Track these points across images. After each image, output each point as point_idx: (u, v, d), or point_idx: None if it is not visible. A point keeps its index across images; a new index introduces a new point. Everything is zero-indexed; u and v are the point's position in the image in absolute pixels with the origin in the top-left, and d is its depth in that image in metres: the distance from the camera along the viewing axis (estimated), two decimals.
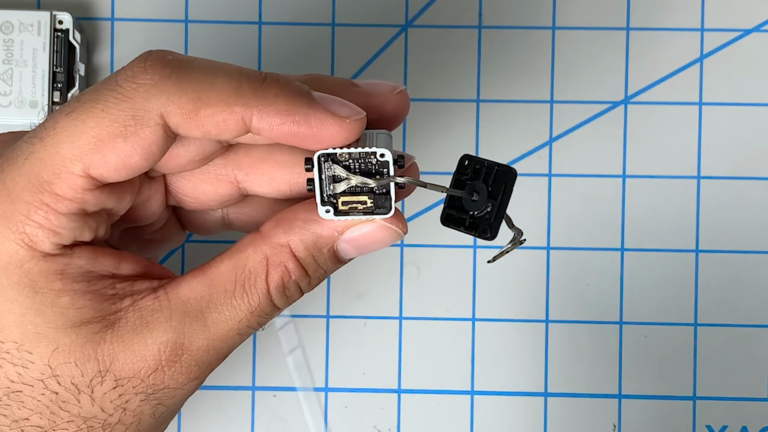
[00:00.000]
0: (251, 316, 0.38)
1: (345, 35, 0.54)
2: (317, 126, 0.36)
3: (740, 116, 0.54)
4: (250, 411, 0.54)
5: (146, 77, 0.36)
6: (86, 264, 0.37)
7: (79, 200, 0.36)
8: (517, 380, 0.54)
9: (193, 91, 0.36)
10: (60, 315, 0.37)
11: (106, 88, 0.36)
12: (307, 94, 0.36)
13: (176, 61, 0.36)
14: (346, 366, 0.54)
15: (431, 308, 0.54)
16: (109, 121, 0.36)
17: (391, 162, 0.36)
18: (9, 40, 0.52)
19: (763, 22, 0.54)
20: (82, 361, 0.37)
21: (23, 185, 0.36)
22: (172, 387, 0.38)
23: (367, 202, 0.37)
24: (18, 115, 0.52)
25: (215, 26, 0.54)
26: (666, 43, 0.54)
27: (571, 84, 0.54)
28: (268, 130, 0.36)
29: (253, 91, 0.36)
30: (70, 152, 0.36)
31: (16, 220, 0.36)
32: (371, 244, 0.38)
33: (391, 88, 0.39)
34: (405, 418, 0.54)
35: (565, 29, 0.54)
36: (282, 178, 0.40)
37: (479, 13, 0.54)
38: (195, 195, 0.41)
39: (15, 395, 0.37)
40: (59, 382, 0.37)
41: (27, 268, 0.37)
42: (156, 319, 0.37)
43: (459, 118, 0.54)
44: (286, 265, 0.38)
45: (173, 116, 0.36)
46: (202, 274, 0.38)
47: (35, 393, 0.37)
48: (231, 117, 0.36)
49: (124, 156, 0.36)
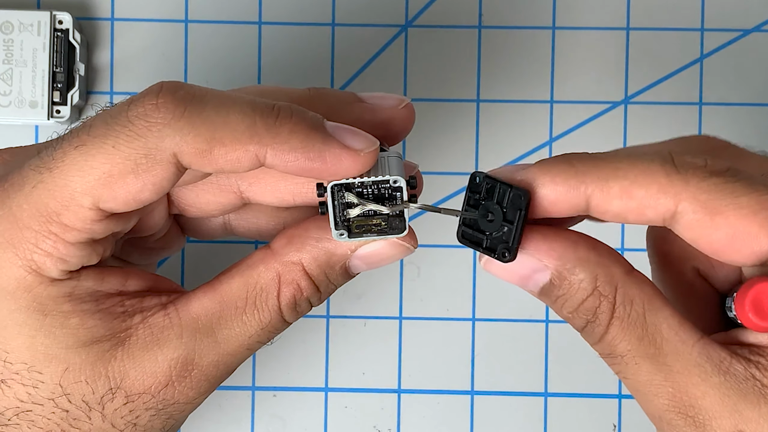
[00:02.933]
0: (261, 332, 0.38)
1: (345, 35, 0.54)
2: (332, 161, 0.36)
3: (740, 116, 0.54)
4: (250, 411, 0.54)
5: (159, 116, 0.35)
6: (93, 285, 0.38)
7: (88, 230, 0.36)
8: (517, 380, 0.54)
9: (207, 131, 0.35)
10: (70, 335, 0.37)
11: (117, 124, 0.36)
12: (321, 127, 0.36)
13: (189, 97, 0.36)
14: (346, 366, 0.54)
15: (431, 308, 0.54)
16: (120, 158, 0.35)
17: (404, 188, 0.36)
18: (9, 40, 0.52)
19: (763, 22, 0.54)
20: (93, 379, 0.37)
21: (31, 213, 0.36)
22: (182, 402, 0.38)
23: (381, 224, 0.37)
24: (18, 115, 0.52)
25: (215, 26, 0.54)
26: (666, 43, 0.54)
27: (571, 84, 0.54)
28: (282, 166, 0.36)
29: (267, 128, 0.35)
30: (80, 186, 0.36)
31: (23, 247, 0.36)
32: (382, 260, 0.38)
33: (397, 102, 0.39)
34: (405, 418, 0.54)
35: (565, 29, 0.54)
36: (286, 188, 0.40)
37: (479, 13, 0.54)
38: (198, 204, 0.41)
39: (25, 415, 0.37)
40: (70, 401, 0.37)
41: (35, 293, 0.37)
42: (167, 336, 0.37)
43: (459, 118, 0.54)
44: (298, 282, 0.38)
45: (186, 156, 0.35)
46: (213, 291, 0.38)
47: (45, 412, 0.37)
48: (245, 155, 0.35)
49: (135, 192, 0.36)
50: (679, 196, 0.35)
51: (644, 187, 0.35)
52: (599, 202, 0.35)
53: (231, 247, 0.53)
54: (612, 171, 0.35)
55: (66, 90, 0.52)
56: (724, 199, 0.35)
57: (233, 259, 0.52)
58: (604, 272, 0.36)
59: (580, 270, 0.36)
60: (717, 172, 0.35)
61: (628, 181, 0.35)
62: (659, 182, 0.35)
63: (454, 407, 0.54)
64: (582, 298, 0.36)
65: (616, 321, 0.36)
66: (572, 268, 0.36)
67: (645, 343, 0.36)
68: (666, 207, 0.35)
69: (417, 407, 0.54)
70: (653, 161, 0.35)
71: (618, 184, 0.35)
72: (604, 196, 0.35)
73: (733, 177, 0.35)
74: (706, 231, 0.35)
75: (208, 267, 0.53)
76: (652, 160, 0.35)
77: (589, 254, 0.36)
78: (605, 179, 0.35)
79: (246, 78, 0.54)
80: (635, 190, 0.35)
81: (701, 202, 0.35)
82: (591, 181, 0.35)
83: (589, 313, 0.36)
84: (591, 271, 0.36)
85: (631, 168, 0.35)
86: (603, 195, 0.35)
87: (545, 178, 0.36)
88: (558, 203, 0.36)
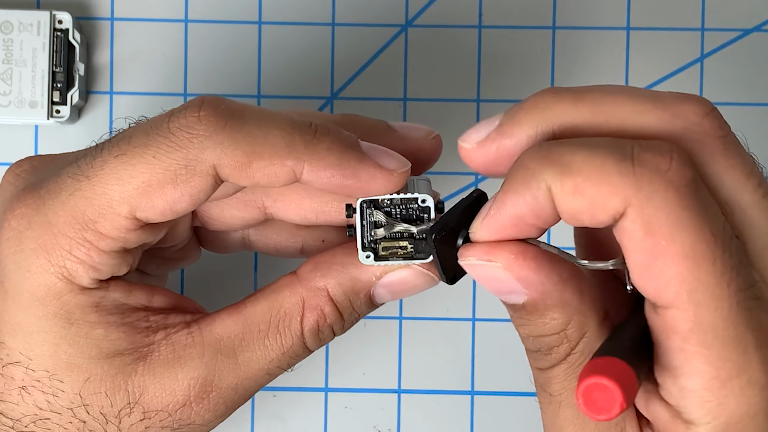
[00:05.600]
0: (282, 356, 0.38)
1: (345, 35, 0.54)
2: (366, 180, 0.36)
3: (740, 116, 0.54)
4: (250, 411, 0.54)
5: (200, 128, 0.36)
6: (121, 297, 0.38)
7: (122, 239, 0.37)
8: (517, 380, 0.54)
9: (247, 145, 0.36)
10: (94, 346, 0.37)
11: (158, 134, 0.36)
12: (356, 147, 0.37)
13: (230, 111, 0.36)
14: (346, 366, 0.54)
15: (431, 308, 0.54)
16: (160, 168, 0.36)
17: (432, 207, 0.37)
18: (9, 39, 0.51)
19: (763, 22, 0.54)
20: (113, 391, 0.37)
21: (66, 220, 0.37)
22: (198, 423, 0.38)
23: (407, 247, 0.37)
24: (18, 115, 0.52)
25: (215, 26, 0.54)
26: (666, 43, 0.54)
27: (571, 84, 0.54)
28: (318, 182, 0.36)
29: (305, 145, 0.36)
30: (119, 194, 0.36)
31: (57, 254, 0.37)
32: (407, 290, 0.38)
33: (426, 133, 0.39)
34: (405, 418, 0.54)
35: (565, 29, 0.54)
36: (309, 206, 0.40)
37: (479, 13, 0.54)
38: (221, 218, 0.41)
39: (42, 422, 0.37)
40: (88, 411, 0.37)
41: (64, 301, 0.37)
42: (188, 354, 0.38)
43: (459, 118, 0.54)
44: (322, 308, 0.38)
45: (225, 168, 0.36)
46: (237, 313, 0.38)
47: (63, 421, 0.37)
48: (282, 170, 0.36)
49: (172, 201, 0.36)
50: (627, 200, 0.32)
51: (597, 185, 0.32)
52: (556, 199, 0.32)
53: (230, 258, 0.53)
54: (566, 165, 0.32)
55: (66, 90, 0.52)
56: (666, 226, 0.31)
57: (233, 270, 0.52)
58: (578, 320, 0.35)
59: (558, 311, 0.34)
60: (676, 186, 0.32)
61: (581, 177, 0.32)
62: (611, 182, 0.32)
63: (454, 407, 0.54)
64: (546, 333, 0.35)
65: (565, 364, 0.35)
66: (552, 306, 0.34)
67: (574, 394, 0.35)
68: (615, 209, 0.32)
69: (417, 407, 0.54)
70: (611, 155, 0.32)
71: (571, 181, 0.32)
72: (558, 193, 0.32)
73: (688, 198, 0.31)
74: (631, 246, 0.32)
75: (206, 278, 0.53)
76: (610, 153, 0.32)
77: (573, 298, 0.34)
78: (560, 174, 0.32)
79: (246, 78, 0.54)
80: (588, 187, 0.32)
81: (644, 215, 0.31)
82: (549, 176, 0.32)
83: (545, 347, 0.35)
84: (567, 315, 0.34)
85: (586, 162, 0.32)
86: (558, 192, 0.32)
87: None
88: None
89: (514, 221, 0.33)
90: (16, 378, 0.37)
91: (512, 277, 0.34)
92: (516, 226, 0.34)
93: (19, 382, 0.37)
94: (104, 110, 0.54)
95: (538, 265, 0.34)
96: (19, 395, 0.37)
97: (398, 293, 0.39)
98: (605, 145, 0.32)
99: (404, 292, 0.39)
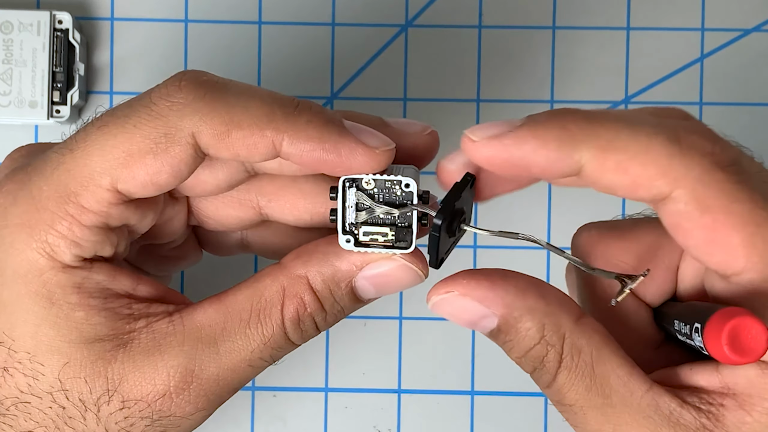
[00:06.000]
0: (264, 347, 0.38)
1: (345, 35, 0.54)
2: (347, 155, 0.36)
3: (740, 116, 0.54)
4: (250, 411, 0.54)
5: (180, 96, 0.36)
6: (104, 280, 0.38)
7: (104, 214, 0.37)
8: (517, 380, 0.54)
9: (226, 113, 0.36)
10: (74, 329, 0.37)
11: (139, 105, 0.36)
12: (338, 122, 0.36)
13: (210, 83, 0.36)
14: (346, 366, 0.54)
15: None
16: (140, 137, 0.36)
17: (415, 192, 0.36)
18: (9, 39, 0.51)
19: (763, 22, 0.54)
20: (92, 377, 0.37)
21: (49, 195, 0.36)
22: (178, 415, 0.38)
23: (388, 234, 0.36)
24: (18, 115, 0.52)
25: (215, 26, 0.54)
26: (666, 43, 0.54)
27: (571, 84, 0.54)
28: (298, 155, 0.36)
29: (285, 116, 0.36)
30: (100, 165, 0.36)
31: (39, 229, 0.36)
32: (390, 284, 0.38)
33: (421, 129, 0.39)
34: (405, 418, 0.54)
35: (565, 29, 0.54)
36: (304, 207, 0.40)
37: (479, 13, 0.54)
38: (217, 217, 0.41)
39: (23, 406, 0.37)
40: (67, 397, 0.37)
41: (45, 278, 0.37)
42: (168, 343, 0.37)
43: (459, 118, 0.54)
44: (302, 296, 0.38)
45: (204, 136, 0.36)
46: (219, 302, 0.38)
47: (43, 406, 0.37)
48: (262, 140, 0.36)
49: (152, 172, 0.36)
50: (677, 183, 0.33)
51: (643, 165, 0.33)
52: (592, 172, 0.33)
53: (232, 260, 0.52)
54: (610, 141, 0.33)
55: (66, 90, 0.52)
56: (720, 200, 0.33)
57: (234, 273, 0.52)
58: (551, 322, 0.35)
59: (528, 319, 0.35)
60: (722, 166, 0.33)
61: (627, 155, 0.33)
62: (659, 164, 0.33)
63: (454, 407, 0.54)
64: (529, 346, 0.35)
65: (563, 370, 0.35)
66: (519, 316, 0.35)
67: (593, 394, 0.35)
68: (660, 190, 0.33)
69: (417, 407, 0.54)
70: (657, 136, 0.33)
71: (615, 158, 0.33)
72: (598, 167, 0.33)
73: (736, 176, 0.33)
74: (689, 225, 0.33)
75: (208, 279, 0.53)
76: (656, 134, 0.33)
77: (537, 303, 0.35)
78: (602, 149, 0.33)
79: (246, 78, 0.54)
80: (633, 167, 0.33)
81: (696, 195, 0.33)
82: (586, 149, 0.33)
83: (537, 360, 0.35)
84: (538, 321, 0.35)
85: (632, 141, 0.33)
86: (597, 166, 0.33)
87: (536, 142, 0.33)
88: (547, 170, 0.34)
89: (518, 160, 0.34)
90: None
91: (473, 300, 0.35)
92: (514, 163, 0.34)
93: (1, 362, 0.37)
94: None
95: (492, 282, 0.35)
96: (2, 377, 0.37)
97: (382, 287, 0.38)
98: (651, 123, 0.33)
99: (388, 287, 0.38)
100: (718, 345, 0.32)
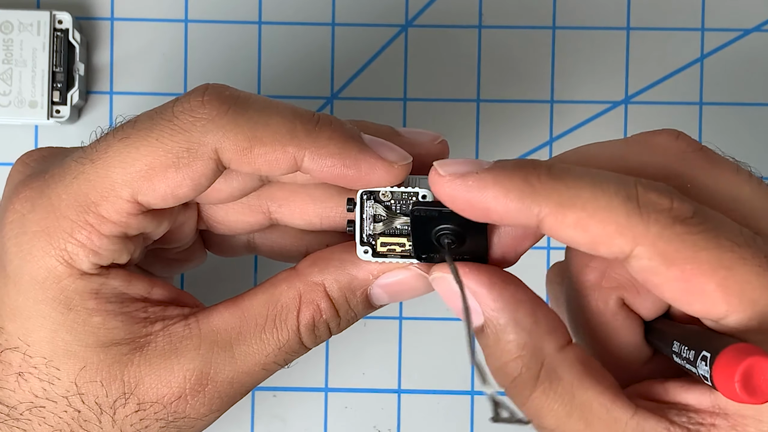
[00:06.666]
0: (278, 351, 0.38)
1: (345, 35, 0.54)
2: (366, 170, 0.36)
3: (740, 116, 0.54)
4: (250, 411, 0.54)
5: (204, 112, 0.36)
6: (120, 286, 0.38)
7: (123, 224, 0.37)
8: None
9: (249, 129, 0.36)
10: (91, 334, 0.37)
11: (162, 118, 0.36)
12: (358, 137, 0.37)
13: (233, 98, 0.36)
14: (346, 366, 0.54)
15: (431, 308, 0.54)
16: (163, 150, 0.36)
17: None
18: (9, 39, 0.51)
19: (763, 22, 0.54)
20: (108, 381, 0.37)
21: (69, 203, 0.37)
22: (193, 417, 0.38)
23: (405, 245, 0.37)
24: (17, 115, 0.52)
25: (215, 26, 0.54)
26: (666, 43, 0.54)
27: (571, 84, 0.54)
28: (318, 171, 0.36)
29: (306, 132, 0.36)
30: (121, 177, 0.36)
31: (58, 236, 0.37)
32: (404, 292, 0.38)
33: (432, 138, 0.39)
34: (405, 418, 0.54)
35: (565, 29, 0.54)
36: (314, 211, 0.40)
37: (479, 13, 0.54)
38: (226, 222, 0.41)
39: (37, 410, 0.37)
40: (83, 401, 0.37)
41: (63, 285, 0.37)
42: (185, 346, 0.38)
43: (459, 118, 0.54)
44: (318, 303, 0.38)
45: (227, 152, 0.36)
46: (235, 306, 0.38)
47: (58, 410, 0.37)
48: (284, 156, 0.36)
49: (173, 185, 0.36)
50: (636, 240, 0.32)
51: (602, 223, 0.33)
52: (551, 227, 0.33)
53: (232, 260, 0.53)
54: (570, 198, 0.33)
55: (66, 90, 0.52)
56: (684, 252, 0.32)
57: (233, 271, 0.52)
58: (534, 343, 0.34)
59: (511, 331, 0.35)
60: (681, 219, 0.33)
61: (585, 213, 0.33)
62: (618, 222, 0.32)
63: (454, 407, 0.54)
64: (505, 360, 0.35)
65: (539, 395, 0.34)
66: (504, 326, 0.35)
67: (574, 420, 0.34)
68: (621, 248, 0.33)
69: (417, 407, 0.54)
70: (616, 195, 0.33)
71: (574, 215, 0.33)
72: (557, 223, 0.33)
73: (698, 226, 0.33)
74: (658, 279, 0.33)
75: (207, 279, 0.53)
76: (616, 193, 0.33)
77: (526, 319, 0.35)
78: (561, 206, 0.33)
79: (246, 78, 0.54)
80: (592, 224, 0.33)
81: (659, 250, 0.32)
82: (545, 204, 0.33)
83: (509, 378, 0.35)
84: (520, 338, 0.34)
85: (592, 199, 0.33)
86: (556, 222, 0.33)
87: (497, 190, 0.33)
88: (506, 219, 0.34)
89: (478, 203, 0.34)
90: (14, 364, 0.37)
91: (467, 291, 0.35)
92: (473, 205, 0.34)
93: (16, 368, 0.37)
94: (104, 110, 0.54)
95: (492, 282, 0.35)
96: (16, 382, 0.37)
97: (396, 295, 0.38)
98: (609, 180, 0.33)
99: (402, 295, 0.38)
100: (730, 382, 0.31)
